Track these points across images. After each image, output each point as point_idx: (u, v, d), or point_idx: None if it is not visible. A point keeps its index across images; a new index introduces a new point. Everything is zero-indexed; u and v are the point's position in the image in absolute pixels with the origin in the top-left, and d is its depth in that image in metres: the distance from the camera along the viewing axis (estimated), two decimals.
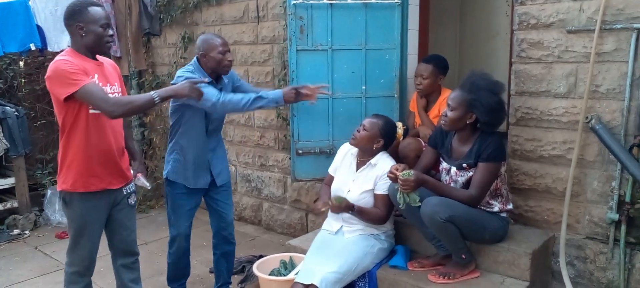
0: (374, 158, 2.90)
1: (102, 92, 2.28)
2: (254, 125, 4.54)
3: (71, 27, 2.34)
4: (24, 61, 5.33)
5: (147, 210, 5.19)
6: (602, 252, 2.81)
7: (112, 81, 2.47)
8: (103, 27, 2.34)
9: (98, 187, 2.42)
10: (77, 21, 2.31)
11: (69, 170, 2.38)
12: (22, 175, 4.80)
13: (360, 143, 2.90)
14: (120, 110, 2.30)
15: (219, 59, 2.82)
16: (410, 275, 2.81)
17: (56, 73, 2.24)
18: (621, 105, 2.66)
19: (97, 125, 2.36)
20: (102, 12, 2.36)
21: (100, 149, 2.39)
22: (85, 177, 2.38)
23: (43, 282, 3.65)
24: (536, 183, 3.01)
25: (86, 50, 2.36)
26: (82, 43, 2.34)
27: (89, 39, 2.33)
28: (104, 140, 2.40)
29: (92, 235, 2.47)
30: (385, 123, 2.90)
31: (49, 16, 4.50)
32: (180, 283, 3.25)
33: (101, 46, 2.38)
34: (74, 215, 2.43)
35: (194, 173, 2.97)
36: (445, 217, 2.52)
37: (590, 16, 2.71)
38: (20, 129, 4.67)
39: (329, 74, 3.34)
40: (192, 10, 4.81)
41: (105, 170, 2.43)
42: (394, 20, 3.31)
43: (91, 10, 2.32)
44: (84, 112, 2.32)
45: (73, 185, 2.38)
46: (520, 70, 2.99)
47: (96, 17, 2.32)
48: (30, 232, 4.68)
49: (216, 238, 3.19)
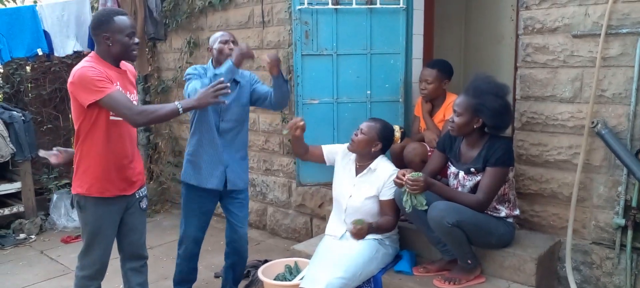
0: (373, 163, 2.90)
1: (127, 101, 2.31)
2: (259, 129, 4.55)
3: (98, 37, 2.36)
4: (31, 66, 5.37)
5: (152, 215, 5.20)
6: (609, 257, 2.79)
7: (131, 89, 2.50)
8: (129, 36, 2.37)
9: (113, 193, 2.43)
10: (104, 31, 2.33)
11: (85, 174, 2.39)
12: (28, 180, 4.82)
13: (358, 147, 2.88)
14: (145, 119, 2.35)
15: (220, 48, 2.93)
16: (416, 281, 2.80)
17: (81, 79, 2.26)
18: (627, 109, 2.65)
19: (116, 131, 2.38)
20: (128, 21, 2.39)
21: (117, 155, 2.41)
22: (101, 183, 2.39)
23: (49, 286, 3.66)
24: (542, 188, 3.00)
25: (111, 58, 2.39)
26: (108, 52, 2.37)
27: (116, 48, 2.36)
28: (121, 147, 2.42)
29: (105, 239, 2.48)
30: (383, 126, 2.89)
31: (56, 21, 4.53)
32: (186, 287, 3.25)
33: (127, 55, 2.42)
34: (88, 219, 2.44)
35: (205, 171, 2.97)
36: (453, 221, 2.52)
37: (595, 21, 2.70)
38: (27, 133, 4.70)
39: (334, 78, 3.34)
40: (198, 15, 4.83)
41: (120, 176, 2.44)
42: (398, 25, 3.31)
43: (117, 20, 2.34)
44: (103, 119, 2.34)
45: (88, 190, 2.39)
46: (526, 74, 2.99)
47: (122, 26, 2.35)
48: (36, 237, 4.69)
49: (228, 247, 3.18)
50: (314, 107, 3.38)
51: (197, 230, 3.07)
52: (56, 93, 5.50)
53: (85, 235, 2.48)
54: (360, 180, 2.92)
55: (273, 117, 4.38)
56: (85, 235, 2.48)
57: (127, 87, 2.46)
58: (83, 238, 2.50)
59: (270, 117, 4.41)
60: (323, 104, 3.37)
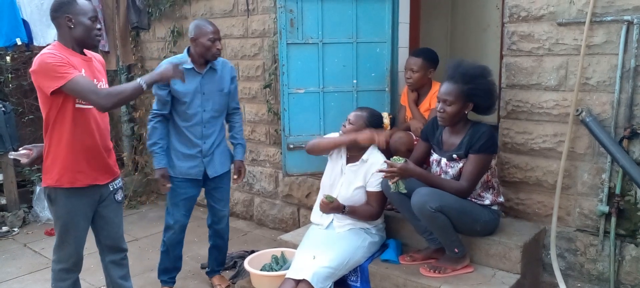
0: (365, 154, 2.89)
1: (91, 85, 2.25)
2: (245, 119, 4.51)
3: (59, 20, 2.30)
4: (11, 56, 5.25)
5: (137, 206, 5.16)
6: (593, 244, 2.82)
7: (99, 77, 2.43)
8: (91, 19, 2.32)
9: (84, 183, 2.38)
10: (66, 13, 2.27)
11: (54, 165, 2.35)
12: (10, 172, 4.74)
13: None
14: (112, 101, 2.25)
15: (208, 46, 2.89)
16: (402, 269, 2.80)
17: (42, 66, 2.20)
18: (611, 97, 2.67)
19: (82, 120, 2.33)
20: (90, 5, 2.34)
21: (85, 144, 2.36)
22: (71, 173, 2.35)
23: (32, 279, 3.61)
24: (527, 176, 3.02)
25: (74, 44, 2.33)
26: (70, 36, 2.31)
27: (78, 31, 2.30)
28: (88, 136, 2.36)
29: (78, 231, 2.44)
30: (370, 114, 2.88)
31: (35, 10, 4.42)
32: (171, 277, 3.25)
33: (90, 39, 2.35)
34: (59, 211, 2.40)
35: (185, 162, 3.01)
36: (435, 206, 2.52)
37: (580, 8, 2.70)
38: (8, 124, 4.60)
39: (320, 67, 3.32)
40: (181, 4, 4.76)
41: (91, 166, 2.40)
42: (384, 14, 3.29)
43: (80, 3, 2.30)
44: (69, 107, 2.28)
45: (58, 181, 2.35)
46: (511, 63, 2.99)
47: (85, 9, 2.30)
48: (19, 229, 4.62)
49: (210, 230, 3.29)
50: (300, 96, 3.35)
51: (182, 217, 3.11)
52: None
53: (58, 228, 2.44)
54: (350, 170, 2.91)
55: (259, 107, 4.35)
56: (58, 228, 2.44)
57: (95, 74, 2.40)
58: (56, 231, 2.46)
59: (257, 107, 4.37)
60: (309, 93, 3.35)
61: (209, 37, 2.88)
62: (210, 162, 3.06)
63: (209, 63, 2.97)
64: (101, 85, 2.42)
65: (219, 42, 2.93)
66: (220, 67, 3.04)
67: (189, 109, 2.95)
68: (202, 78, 2.96)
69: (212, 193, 3.17)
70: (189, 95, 2.93)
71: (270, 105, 4.19)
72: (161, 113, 2.97)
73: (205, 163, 3.04)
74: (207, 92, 2.98)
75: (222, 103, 3.06)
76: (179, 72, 2.49)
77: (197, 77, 2.95)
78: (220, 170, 3.12)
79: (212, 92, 3.00)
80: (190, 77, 2.90)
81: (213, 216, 3.22)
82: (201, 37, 2.88)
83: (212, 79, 3.00)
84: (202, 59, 2.93)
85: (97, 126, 2.41)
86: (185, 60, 2.89)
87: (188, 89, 2.91)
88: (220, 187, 3.16)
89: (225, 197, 3.22)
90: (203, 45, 2.88)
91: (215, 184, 3.14)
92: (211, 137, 3.05)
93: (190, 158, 3.01)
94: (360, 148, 2.89)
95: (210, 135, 3.04)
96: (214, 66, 3.00)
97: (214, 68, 3.00)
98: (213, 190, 3.16)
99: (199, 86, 2.95)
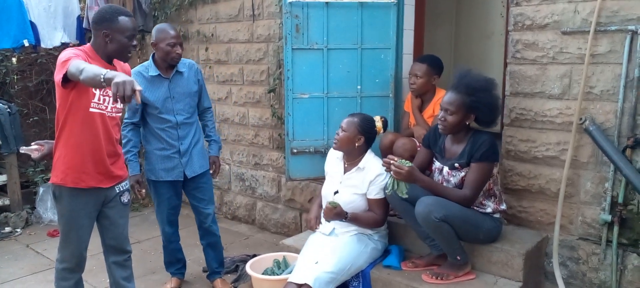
0: (361, 161, 2.89)
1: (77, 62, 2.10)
2: (249, 124, 4.53)
3: (97, 31, 2.33)
4: (17, 58, 5.29)
5: (140, 209, 5.17)
6: (595, 252, 2.82)
7: None
8: (129, 38, 2.35)
9: (88, 184, 2.40)
10: (105, 28, 2.30)
11: (61, 163, 2.38)
12: (14, 173, 4.76)
13: (342, 145, 2.88)
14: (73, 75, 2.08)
15: (168, 50, 2.95)
16: (404, 275, 2.80)
17: (60, 59, 2.22)
18: (615, 106, 2.67)
19: (92, 124, 2.35)
20: (131, 23, 2.35)
21: (92, 148, 2.38)
22: (76, 173, 2.37)
23: (35, 280, 3.62)
24: (530, 184, 3.02)
25: (104, 55, 2.36)
26: (104, 48, 2.34)
27: (112, 47, 2.33)
28: (96, 140, 2.38)
29: (80, 230, 2.46)
30: (362, 119, 2.89)
31: (43, 12, 4.46)
32: (177, 268, 3.37)
33: (122, 56, 2.40)
34: (63, 209, 2.43)
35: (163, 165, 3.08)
36: (440, 216, 2.52)
37: (584, 18, 2.71)
38: (13, 125, 4.63)
39: (325, 73, 3.34)
40: (187, 8, 4.79)
41: (97, 169, 2.42)
42: (389, 20, 3.31)
43: (121, 20, 2.31)
44: (81, 108, 2.31)
45: (63, 179, 2.38)
46: (515, 71, 3.00)
47: (124, 27, 2.32)
48: (21, 230, 4.63)
49: (200, 230, 3.33)
50: (304, 101, 3.37)
51: (169, 215, 3.21)
52: (42, 85, 5.43)
53: (61, 225, 2.47)
54: (348, 177, 2.92)
55: (263, 111, 4.36)
56: (61, 225, 2.47)
57: None
58: (59, 229, 2.50)
59: (260, 112, 4.39)
60: (313, 98, 3.37)
61: (168, 41, 2.94)
62: (189, 162, 3.12)
63: (174, 67, 3.03)
64: None
65: (180, 47, 2.99)
66: (187, 69, 3.10)
67: (161, 114, 3.03)
68: (170, 82, 3.03)
69: (193, 193, 3.21)
70: (159, 101, 3.00)
71: (274, 109, 4.21)
72: (132, 121, 3.07)
73: (183, 163, 3.10)
74: (177, 96, 3.05)
75: (192, 104, 3.14)
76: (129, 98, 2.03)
77: (164, 83, 3.02)
78: (198, 169, 3.16)
79: (181, 95, 3.06)
80: (157, 84, 3.00)
81: (198, 215, 3.27)
82: (160, 42, 2.95)
83: (179, 83, 3.06)
84: (165, 63, 3.00)
85: (107, 132, 2.42)
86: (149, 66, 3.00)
87: (157, 96, 3.00)
88: (200, 186, 3.20)
89: (208, 196, 3.25)
90: (163, 50, 2.95)
91: (195, 184, 3.19)
92: (187, 138, 3.11)
93: (168, 159, 3.08)
94: (356, 155, 2.90)
95: (186, 136, 3.10)
96: (180, 69, 3.06)
97: (180, 71, 3.06)
98: (194, 190, 3.21)
99: (168, 91, 3.03)
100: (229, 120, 4.70)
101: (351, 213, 2.81)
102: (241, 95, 4.53)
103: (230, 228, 4.58)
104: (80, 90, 2.28)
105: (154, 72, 2.99)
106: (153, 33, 3.00)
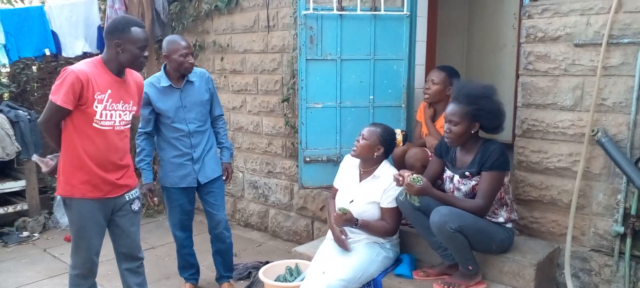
0: (377, 169, 2.92)
1: (47, 111, 2.35)
2: (262, 132, 4.58)
3: (109, 41, 2.38)
4: (37, 66, 5.42)
5: (154, 215, 5.23)
6: (607, 264, 2.81)
7: (126, 99, 2.47)
8: (141, 49, 2.39)
9: (95, 195, 2.44)
10: (117, 38, 2.35)
11: (65, 175, 2.42)
12: (33, 179, 4.86)
13: (361, 153, 2.92)
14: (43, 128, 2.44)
15: (180, 61, 3.02)
16: (416, 284, 2.82)
17: (61, 76, 2.32)
18: (627, 118, 2.68)
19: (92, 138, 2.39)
20: (143, 34, 2.40)
21: (94, 161, 2.40)
22: (83, 185, 2.41)
23: (51, 284, 3.69)
24: (542, 194, 3.02)
25: (115, 65, 2.40)
26: (116, 59, 2.39)
27: (124, 57, 2.38)
28: (98, 154, 2.41)
29: (90, 238, 2.49)
30: (384, 130, 2.92)
31: (65, 22, 4.58)
32: (190, 273, 3.43)
33: (134, 66, 2.45)
34: (73, 218, 2.47)
35: (177, 172, 3.15)
36: (455, 227, 2.54)
37: (597, 30, 2.73)
38: (32, 132, 4.74)
39: (338, 83, 3.38)
40: (204, 19, 4.88)
41: (101, 181, 2.44)
42: (402, 32, 3.35)
43: (133, 31, 2.36)
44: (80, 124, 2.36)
45: (71, 191, 2.42)
46: (527, 82, 3.02)
47: (136, 38, 2.37)
48: (39, 235, 4.72)
49: (211, 235, 3.38)
50: (318, 110, 3.41)
51: (181, 221, 3.27)
52: None
53: (72, 233, 2.51)
54: (363, 185, 2.95)
55: (276, 120, 4.42)
56: (72, 233, 2.51)
57: (121, 96, 2.44)
58: (71, 237, 2.54)
59: (274, 120, 4.45)
60: (326, 107, 3.41)
61: (180, 52, 3.00)
62: (201, 169, 3.18)
63: (185, 77, 3.10)
64: (127, 107, 2.48)
65: (192, 57, 3.07)
66: (198, 78, 3.16)
67: (174, 123, 3.10)
68: (181, 92, 3.10)
69: (205, 198, 3.27)
70: (171, 111, 3.08)
71: (288, 118, 4.26)
72: (145, 131, 3.14)
73: (196, 170, 3.16)
74: (189, 105, 3.11)
75: (204, 113, 3.20)
76: (49, 169, 2.57)
77: (176, 93, 3.09)
78: (211, 174, 3.22)
79: (193, 104, 3.12)
80: (169, 94, 3.07)
81: (210, 221, 3.32)
82: (173, 54, 3.01)
83: (191, 92, 3.12)
84: (177, 73, 3.07)
85: (112, 145, 2.45)
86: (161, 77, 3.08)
87: (170, 105, 3.07)
88: (212, 191, 3.26)
89: (219, 202, 3.30)
90: (175, 61, 3.01)
91: (207, 190, 3.25)
92: (200, 145, 3.17)
93: (181, 167, 3.14)
94: (372, 164, 2.93)
95: (199, 144, 3.17)
96: (191, 79, 3.12)
97: (191, 81, 3.12)
98: (206, 196, 3.26)
99: (180, 100, 3.09)
100: (243, 128, 4.76)
101: (362, 221, 2.84)
102: (255, 104, 4.59)
103: (243, 235, 4.63)
104: (80, 109, 2.32)
105: (165, 83, 3.06)
106: (164, 45, 3.07)
